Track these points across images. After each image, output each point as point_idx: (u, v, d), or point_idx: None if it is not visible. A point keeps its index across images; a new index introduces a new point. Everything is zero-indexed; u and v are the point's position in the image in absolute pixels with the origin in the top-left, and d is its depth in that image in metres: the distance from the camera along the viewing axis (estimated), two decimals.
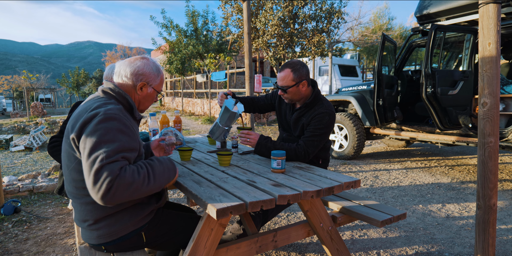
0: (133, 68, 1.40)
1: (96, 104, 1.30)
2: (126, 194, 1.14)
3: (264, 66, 24.59)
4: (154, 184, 1.23)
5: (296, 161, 1.95)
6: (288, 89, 2.01)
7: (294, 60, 2.05)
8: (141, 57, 1.45)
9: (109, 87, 1.39)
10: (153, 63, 1.45)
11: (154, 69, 1.44)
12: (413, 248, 2.38)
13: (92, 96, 1.42)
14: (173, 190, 3.71)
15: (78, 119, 1.26)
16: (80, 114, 1.28)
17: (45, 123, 13.05)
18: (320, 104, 2.05)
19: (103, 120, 1.21)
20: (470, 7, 4.06)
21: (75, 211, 1.38)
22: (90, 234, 1.35)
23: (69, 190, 1.35)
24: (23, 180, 4.61)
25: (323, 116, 1.97)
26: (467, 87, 3.98)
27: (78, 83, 29.95)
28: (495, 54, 1.57)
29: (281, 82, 2.03)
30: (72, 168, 1.29)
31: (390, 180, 4.13)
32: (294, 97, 2.07)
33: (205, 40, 15.19)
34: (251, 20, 11.27)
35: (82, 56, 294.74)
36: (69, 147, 1.28)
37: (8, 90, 41.97)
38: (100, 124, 1.19)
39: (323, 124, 1.96)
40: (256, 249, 1.61)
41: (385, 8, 26.72)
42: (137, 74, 1.41)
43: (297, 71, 1.99)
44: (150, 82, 1.44)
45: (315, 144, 1.96)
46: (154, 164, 1.29)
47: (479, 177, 1.69)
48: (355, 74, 16.69)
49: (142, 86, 1.42)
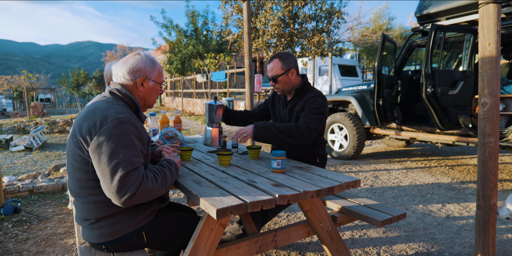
0: (128, 66, 1.41)
1: (104, 105, 1.30)
2: (145, 198, 1.24)
3: (264, 66, 24.58)
4: (165, 189, 1.33)
5: (299, 139, 1.91)
6: (278, 78, 2.08)
7: (281, 51, 2.11)
8: (134, 54, 1.45)
9: (116, 88, 1.40)
10: (146, 56, 1.45)
11: (149, 62, 1.44)
12: (413, 248, 2.38)
13: (99, 96, 1.43)
14: (173, 190, 3.71)
15: (86, 120, 1.27)
16: (88, 114, 1.28)
17: (45, 123, 13.04)
18: (311, 91, 2.12)
19: (117, 124, 1.23)
20: (470, 7, 4.06)
21: (76, 210, 1.38)
22: (91, 233, 1.35)
23: (71, 188, 1.36)
24: (23, 180, 4.61)
25: (314, 98, 2.03)
26: (467, 87, 3.98)
27: (78, 83, 29.93)
28: (495, 54, 1.57)
29: (271, 72, 2.11)
30: (76, 167, 1.30)
31: (390, 180, 4.13)
32: (285, 87, 2.13)
33: (205, 40, 15.19)
34: (251, 20, 11.26)
35: (82, 56, 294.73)
36: (75, 147, 1.28)
37: (8, 90, 41.96)
38: (115, 128, 1.22)
39: (316, 104, 2.01)
40: (256, 249, 1.61)
41: (385, 8, 26.74)
42: (134, 71, 1.41)
43: (285, 59, 2.07)
44: (148, 75, 1.44)
45: (314, 121, 1.97)
46: (166, 171, 1.36)
47: (479, 177, 1.69)
48: (355, 74, 16.68)
49: (142, 81, 1.43)
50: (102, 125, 1.22)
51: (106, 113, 1.25)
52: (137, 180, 1.19)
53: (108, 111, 1.26)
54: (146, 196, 1.23)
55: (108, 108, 1.28)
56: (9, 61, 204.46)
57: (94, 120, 1.24)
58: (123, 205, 1.20)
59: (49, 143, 10.47)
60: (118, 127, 1.22)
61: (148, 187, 1.22)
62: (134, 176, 1.18)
